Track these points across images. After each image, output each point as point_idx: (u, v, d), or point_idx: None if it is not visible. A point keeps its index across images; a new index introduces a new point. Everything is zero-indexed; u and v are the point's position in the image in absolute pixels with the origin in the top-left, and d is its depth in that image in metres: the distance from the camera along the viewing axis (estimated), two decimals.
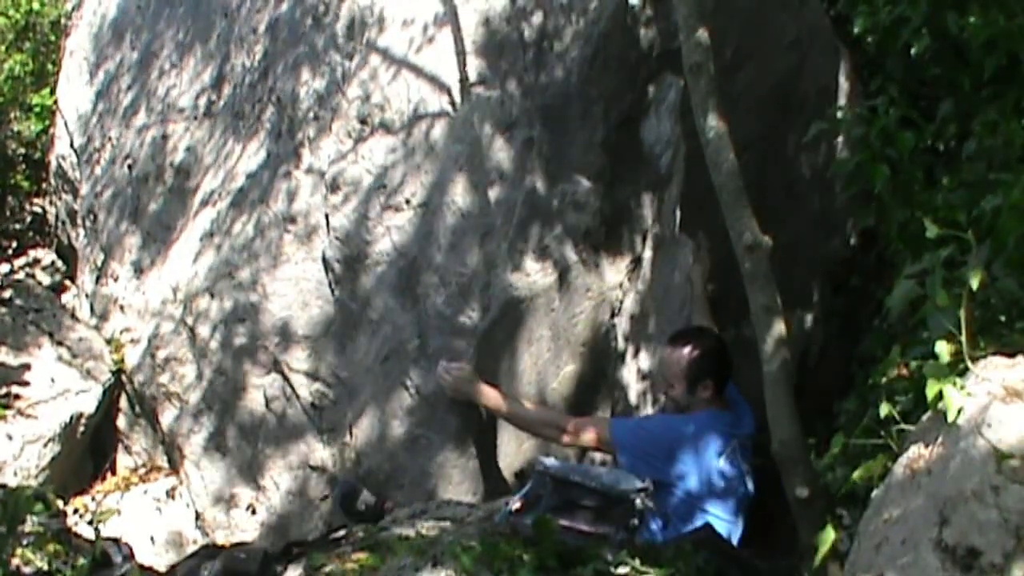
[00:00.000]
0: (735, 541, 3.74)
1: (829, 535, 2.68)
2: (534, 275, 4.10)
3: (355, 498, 4.02)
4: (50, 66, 7.00)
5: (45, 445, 4.44)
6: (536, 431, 4.01)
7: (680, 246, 4.55)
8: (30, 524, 3.30)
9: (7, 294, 5.13)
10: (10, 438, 4.37)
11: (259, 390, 4.39)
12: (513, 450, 4.13)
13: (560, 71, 4.22)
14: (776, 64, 4.84)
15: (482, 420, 4.09)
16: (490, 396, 3.95)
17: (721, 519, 3.72)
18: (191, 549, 4.21)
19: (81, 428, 4.64)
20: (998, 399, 2.08)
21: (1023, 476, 1.95)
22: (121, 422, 4.95)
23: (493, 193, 4.11)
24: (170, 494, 4.61)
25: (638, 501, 3.39)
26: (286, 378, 4.31)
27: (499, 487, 4.09)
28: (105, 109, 5.59)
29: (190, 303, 4.61)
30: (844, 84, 5.07)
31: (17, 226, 6.82)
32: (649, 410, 4.33)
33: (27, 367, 4.69)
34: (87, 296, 5.37)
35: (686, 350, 3.90)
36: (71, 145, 5.76)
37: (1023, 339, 2.41)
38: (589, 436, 3.86)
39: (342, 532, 3.66)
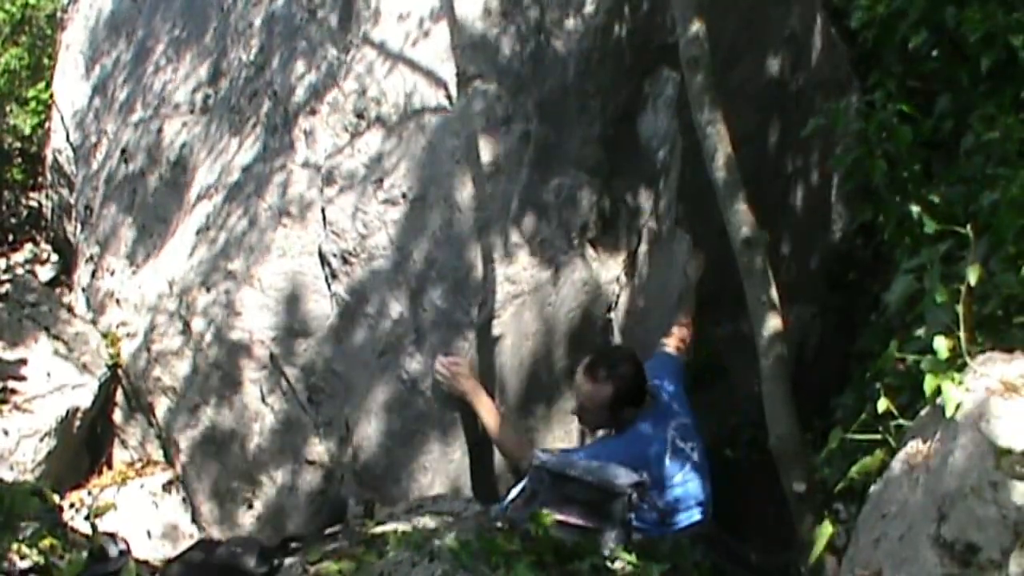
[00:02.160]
0: (712, 515, 3.72)
1: (826, 530, 2.69)
2: (530, 269, 4.10)
3: (343, 513, 4.02)
4: (46, 60, 6.99)
5: (41, 439, 4.43)
6: (503, 453, 4.01)
7: (677, 241, 4.55)
8: (26, 518, 3.30)
9: (3, 289, 5.11)
10: (6, 433, 4.36)
11: (255, 384, 4.38)
12: None
13: (557, 65, 4.21)
14: (773, 58, 4.83)
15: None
16: (480, 401, 3.93)
17: (694, 509, 3.71)
18: (187, 543, 4.20)
19: (77, 422, 4.62)
20: (996, 394, 2.08)
21: (1022, 472, 1.95)
22: (117, 416, 4.93)
23: (489, 187, 4.10)
24: (166, 488, 4.60)
25: (634, 496, 3.39)
26: (282, 372, 4.30)
27: (495, 482, 4.09)
28: (101, 103, 5.57)
29: (185, 297, 4.60)
30: (841, 78, 5.07)
31: (13, 220, 6.81)
32: None
33: (23, 362, 4.68)
34: (83, 290, 5.36)
35: (606, 387, 3.78)
36: (67, 139, 5.75)
37: (1021, 334, 2.41)
38: None
39: (338, 527, 3.66)
